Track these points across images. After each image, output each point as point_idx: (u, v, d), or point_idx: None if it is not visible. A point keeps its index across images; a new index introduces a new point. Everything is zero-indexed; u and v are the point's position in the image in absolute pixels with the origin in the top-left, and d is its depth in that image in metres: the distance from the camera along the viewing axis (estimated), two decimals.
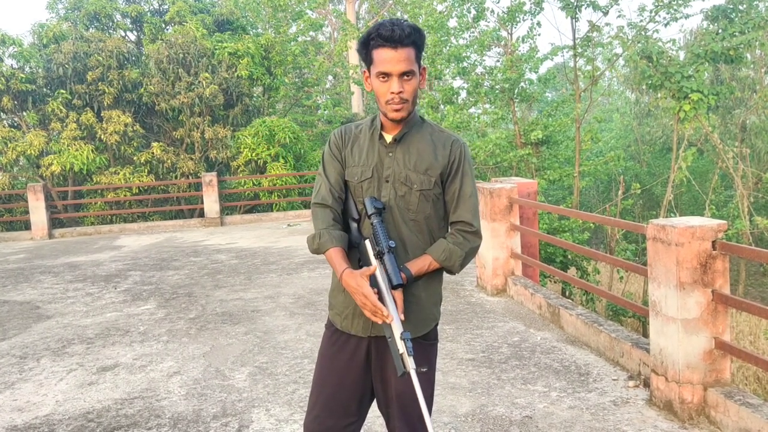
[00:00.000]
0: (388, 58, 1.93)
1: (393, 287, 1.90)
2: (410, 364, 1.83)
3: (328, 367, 2.13)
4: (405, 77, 1.95)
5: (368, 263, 1.97)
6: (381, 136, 2.08)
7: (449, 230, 2.10)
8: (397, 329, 1.86)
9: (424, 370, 2.04)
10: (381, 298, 1.89)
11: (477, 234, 2.07)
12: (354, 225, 2.05)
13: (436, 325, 2.14)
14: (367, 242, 1.99)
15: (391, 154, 2.06)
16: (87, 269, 8.72)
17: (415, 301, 2.04)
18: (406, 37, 1.91)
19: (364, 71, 2.04)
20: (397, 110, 1.97)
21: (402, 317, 1.89)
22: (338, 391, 2.10)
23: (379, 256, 1.94)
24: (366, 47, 1.97)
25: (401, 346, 1.83)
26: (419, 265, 2.00)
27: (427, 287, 2.07)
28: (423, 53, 2.02)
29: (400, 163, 2.04)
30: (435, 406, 3.66)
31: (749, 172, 12.20)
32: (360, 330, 2.07)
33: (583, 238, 10.04)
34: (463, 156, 2.07)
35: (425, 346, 2.09)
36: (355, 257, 2.04)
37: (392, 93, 1.95)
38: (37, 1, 77.63)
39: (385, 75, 1.94)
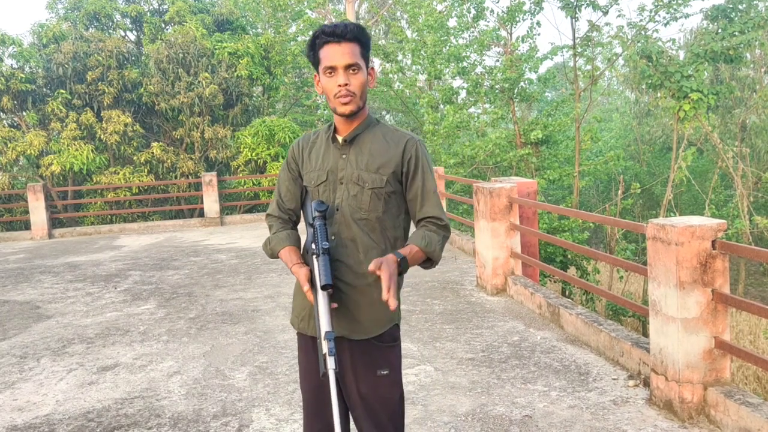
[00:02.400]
0: (332, 52, 1.97)
1: (321, 287, 1.90)
2: (330, 364, 1.82)
3: (302, 370, 2.18)
4: (351, 70, 1.97)
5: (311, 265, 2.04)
6: (335, 139, 2.10)
7: (417, 226, 2.10)
8: (323, 329, 1.86)
9: (385, 372, 2.04)
10: (315, 299, 1.93)
11: (447, 228, 2.06)
12: (311, 230, 2.06)
13: (395, 326, 2.11)
14: (312, 245, 2.04)
15: (344, 156, 2.07)
16: (87, 269, 8.72)
17: (369, 302, 2.03)
18: (349, 32, 1.96)
19: (315, 75, 2.08)
20: (345, 103, 1.98)
21: (328, 320, 1.89)
22: (316, 395, 2.12)
23: (313, 256, 1.96)
24: (313, 49, 2.01)
25: (324, 347, 1.84)
26: (407, 250, 1.99)
27: (379, 287, 2.00)
28: (369, 54, 2.05)
29: (353, 163, 2.05)
30: (434, 405, 3.67)
31: (749, 172, 12.21)
32: (314, 331, 2.06)
33: (582, 238, 10.04)
34: (419, 153, 2.06)
35: (383, 349, 2.06)
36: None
37: (339, 86, 1.97)
38: (37, 1, 77.65)
39: (331, 69, 1.97)
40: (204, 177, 13.24)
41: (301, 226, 2.20)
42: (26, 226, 13.17)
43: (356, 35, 1.97)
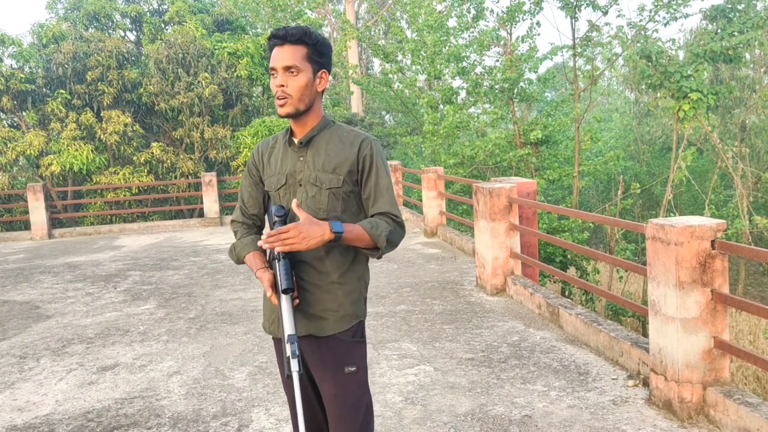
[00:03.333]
0: (274, 54, 2.01)
1: (282, 291, 1.93)
2: (293, 366, 1.86)
3: (282, 374, 2.20)
4: (290, 72, 1.99)
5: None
6: (291, 142, 2.12)
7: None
8: (286, 332, 1.89)
9: (352, 369, 2.05)
10: (279, 303, 1.95)
11: (402, 225, 2.06)
12: None
13: (360, 322, 2.12)
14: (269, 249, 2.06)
15: (302, 158, 2.09)
16: (87, 269, 8.72)
17: (332, 299, 2.05)
18: (292, 35, 1.98)
19: None
20: (281, 105, 2.01)
21: (291, 323, 1.91)
22: (302, 397, 2.12)
23: (275, 260, 1.97)
24: (270, 51, 2.05)
25: (287, 350, 1.86)
26: (349, 227, 1.97)
27: (343, 284, 2.06)
28: (322, 59, 2.04)
29: (310, 165, 2.08)
30: (434, 405, 3.67)
31: (749, 172, 12.21)
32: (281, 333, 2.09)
33: (582, 238, 10.04)
34: (373, 152, 2.08)
35: (349, 344, 2.08)
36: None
37: (276, 86, 1.99)
38: (36, 1, 77.67)
39: (273, 70, 2.01)
40: (204, 177, 13.24)
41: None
42: (26, 226, 13.17)
43: (300, 38, 1.99)
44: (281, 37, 1.99)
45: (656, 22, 10.44)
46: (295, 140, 2.10)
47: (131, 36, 17.16)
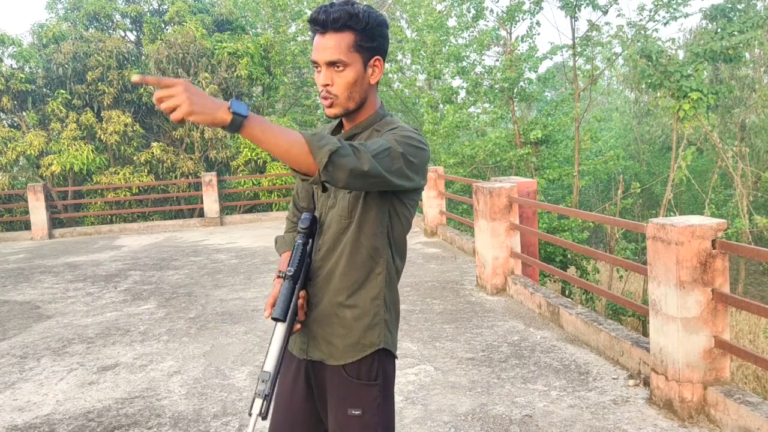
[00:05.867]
0: (316, 44, 1.68)
1: (272, 318, 1.69)
2: (255, 408, 1.62)
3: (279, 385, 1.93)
4: (335, 68, 1.67)
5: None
6: (335, 134, 1.84)
7: None
8: (264, 366, 1.68)
9: (356, 413, 1.73)
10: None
11: (362, 155, 1.51)
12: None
13: (377, 354, 1.76)
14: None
15: None
16: (87, 269, 8.72)
17: (339, 323, 1.76)
18: (334, 21, 1.63)
19: None
20: (327, 106, 1.71)
21: (275, 357, 1.68)
22: (284, 417, 1.88)
23: (282, 278, 1.75)
24: (313, 36, 1.72)
25: (257, 385, 1.66)
26: (267, 121, 1.47)
27: (353, 307, 1.75)
28: (375, 43, 1.69)
29: None
30: (434, 405, 3.67)
31: (748, 171, 12.21)
32: (296, 350, 1.86)
33: (582, 238, 10.05)
34: (396, 127, 1.71)
35: (357, 386, 1.74)
36: None
37: (321, 85, 1.70)
38: (36, 1, 77.68)
39: (316, 64, 1.69)
40: (204, 177, 13.24)
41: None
42: (26, 226, 13.16)
43: (346, 23, 1.63)
44: (321, 24, 1.64)
45: (656, 21, 10.46)
46: (342, 133, 1.81)
47: (131, 36, 17.17)
